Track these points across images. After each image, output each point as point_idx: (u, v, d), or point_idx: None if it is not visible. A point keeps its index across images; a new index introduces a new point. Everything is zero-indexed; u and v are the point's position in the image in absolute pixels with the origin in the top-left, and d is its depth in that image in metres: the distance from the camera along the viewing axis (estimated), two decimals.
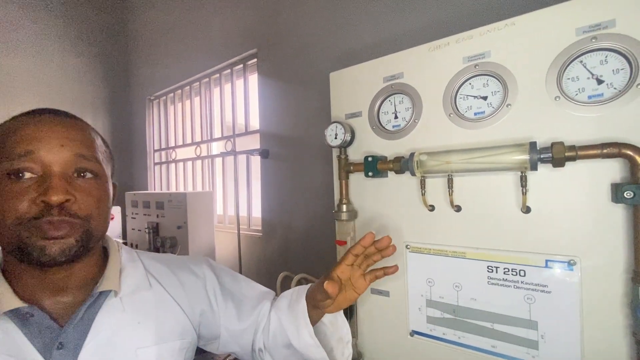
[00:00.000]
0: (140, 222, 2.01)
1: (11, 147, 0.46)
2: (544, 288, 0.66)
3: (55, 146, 0.48)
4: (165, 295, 0.61)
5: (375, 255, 0.66)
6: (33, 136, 0.47)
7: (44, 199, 0.45)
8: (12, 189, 0.46)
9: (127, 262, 0.60)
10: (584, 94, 0.61)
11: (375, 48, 1.34)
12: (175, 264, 0.67)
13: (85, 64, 2.74)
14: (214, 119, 2.30)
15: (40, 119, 0.50)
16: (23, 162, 0.46)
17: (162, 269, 0.64)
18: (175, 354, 0.58)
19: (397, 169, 0.78)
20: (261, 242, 1.87)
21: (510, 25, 0.68)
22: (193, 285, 0.65)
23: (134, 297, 0.57)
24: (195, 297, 0.64)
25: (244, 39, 1.93)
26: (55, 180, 0.46)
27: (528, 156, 0.61)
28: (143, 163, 2.85)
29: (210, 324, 0.66)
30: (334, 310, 0.68)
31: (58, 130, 0.49)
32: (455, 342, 0.76)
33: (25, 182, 0.46)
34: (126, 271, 0.59)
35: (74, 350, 0.49)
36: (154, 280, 0.61)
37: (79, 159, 0.50)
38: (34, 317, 0.49)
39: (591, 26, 0.59)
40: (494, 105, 0.70)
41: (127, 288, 0.57)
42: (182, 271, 0.66)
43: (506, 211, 0.69)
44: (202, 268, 0.69)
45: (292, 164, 1.69)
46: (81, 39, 2.72)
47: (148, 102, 2.82)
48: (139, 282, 0.59)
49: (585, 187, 0.61)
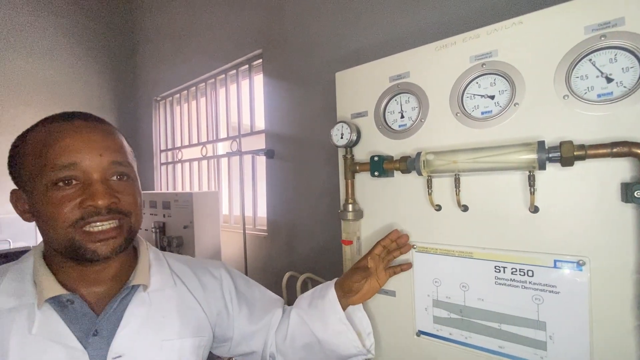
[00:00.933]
0: (147, 221, 2.03)
1: (54, 157, 0.50)
2: (553, 288, 0.65)
3: (95, 156, 0.52)
4: (187, 293, 0.65)
5: (395, 251, 0.77)
6: (74, 147, 0.51)
7: (92, 203, 0.51)
8: (60, 196, 0.50)
9: (154, 261, 0.65)
10: (593, 92, 0.60)
11: (381, 47, 1.34)
12: (196, 265, 0.72)
13: (93, 66, 2.78)
14: (220, 119, 2.32)
15: (76, 127, 0.53)
16: (68, 171, 0.50)
17: (184, 269, 0.68)
18: (195, 350, 0.62)
19: (404, 169, 0.78)
20: (266, 242, 1.88)
21: (517, 24, 0.67)
22: (211, 286, 0.69)
23: (160, 293, 0.61)
24: (213, 298, 0.68)
25: (249, 40, 1.94)
26: (98, 185, 0.52)
27: (536, 155, 0.61)
28: (150, 163, 2.88)
29: (224, 324, 0.70)
30: (358, 300, 0.74)
31: (96, 139, 0.53)
32: (462, 343, 0.76)
33: (71, 188, 0.51)
34: (154, 268, 0.63)
35: (107, 337, 0.54)
36: (177, 279, 0.66)
37: (116, 166, 0.55)
38: (74, 304, 0.53)
39: (600, 24, 0.59)
40: (502, 105, 0.69)
41: (154, 284, 0.61)
42: (202, 273, 0.70)
43: (514, 211, 0.68)
44: (220, 271, 0.73)
45: (297, 164, 1.70)
46: (90, 41, 2.76)
47: (155, 103, 2.85)
48: (165, 279, 0.63)
49: (595, 187, 0.60)
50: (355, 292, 0.73)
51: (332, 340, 0.71)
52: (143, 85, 2.97)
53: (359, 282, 0.72)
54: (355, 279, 0.72)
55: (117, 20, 2.95)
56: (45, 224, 0.51)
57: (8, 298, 0.52)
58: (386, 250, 0.77)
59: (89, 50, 2.76)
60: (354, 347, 0.72)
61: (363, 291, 0.75)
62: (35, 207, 0.52)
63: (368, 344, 0.76)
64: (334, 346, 0.71)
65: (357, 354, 0.73)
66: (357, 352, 0.72)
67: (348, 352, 0.72)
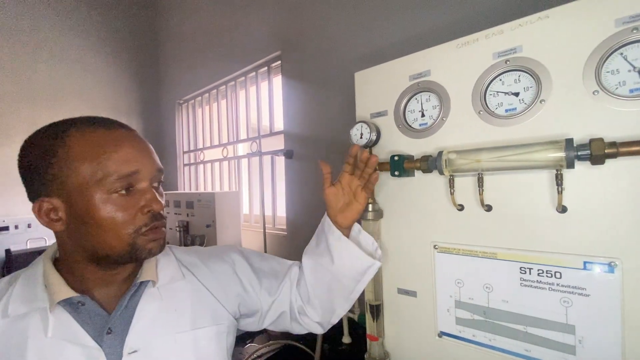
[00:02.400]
0: (172, 220, 2.10)
1: (117, 165, 0.52)
2: (582, 291, 0.63)
3: (149, 164, 0.56)
4: (198, 284, 0.66)
5: (366, 169, 0.76)
6: (134, 155, 0.54)
7: (151, 209, 0.55)
8: (123, 203, 0.53)
9: (162, 256, 0.66)
10: (625, 87, 0.58)
11: (400, 46, 1.33)
12: (205, 254, 0.73)
13: (119, 72, 2.90)
14: (240, 120, 2.36)
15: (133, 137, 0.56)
16: (131, 179, 0.53)
17: (193, 260, 0.70)
18: (213, 338, 0.63)
19: (425, 168, 0.78)
20: (286, 241, 1.90)
21: (543, 19, 0.65)
22: (224, 271, 0.71)
23: (170, 287, 0.63)
24: (227, 282, 0.70)
25: (268, 42, 1.97)
26: (152, 192, 0.55)
27: (564, 153, 0.59)
28: (173, 164, 2.97)
29: (247, 302, 0.72)
30: (345, 220, 0.76)
31: (147, 149, 0.57)
32: (486, 345, 0.74)
33: (132, 195, 0.54)
34: (161, 263, 0.65)
35: (121, 334, 0.55)
36: (186, 271, 0.67)
37: (159, 173, 0.59)
38: (85, 305, 0.55)
39: (632, 17, 0.56)
40: (527, 102, 0.68)
41: (163, 278, 0.62)
42: (212, 260, 0.72)
43: (540, 211, 0.66)
44: (230, 254, 0.75)
45: (316, 164, 1.71)
46: (115, 48, 2.88)
47: (177, 106, 2.94)
48: (173, 273, 0.65)
49: (627, 185, 0.58)
50: (334, 209, 0.77)
51: (340, 263, 0.73)
52: (167, 89, 3.07)
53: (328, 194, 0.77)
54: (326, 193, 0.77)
55: (141, 27, 3.07)
56: (101, 231, 0.52)
57: (21, 304, 0.53)
58: (357, 170, 0.78)
59: (115, 57, 2.88)
60: (359, 259, 0.74)
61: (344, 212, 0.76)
62: (87, 214, 0.51)
63: (377, 255, 0.78)
64: (344, 268, 0.74)
65: (366, 265, 0.75)
66: (366, 263, 0.74)
67: (357, 268, 0.74)
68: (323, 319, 0.78)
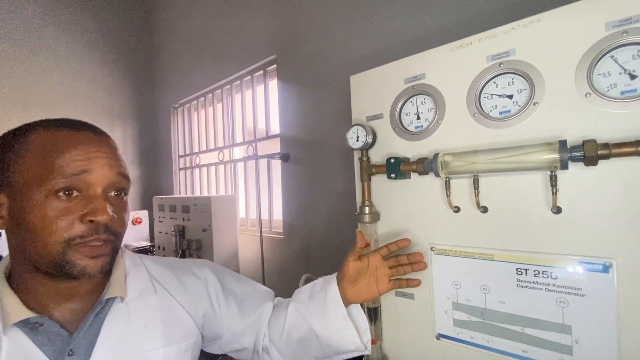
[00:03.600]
0: (167, 225, 2.09)
1: (62, 164, 0.47)
2: (578, 291, 0.63)
3: (105, 166, 0.50)
4: (170, 298, 0.63)
5: (406, 266, 0.74)
6: (87, 157, 0.48)
7: (92, 218, 0.48)
8: (61, 207, 0.47)
9: (131, 267, 0.62)
10: (616, 89, 0.59)
11: (395, 50, 1.34)
12: (178, 267, 0.69)
13: (114, 76, 2.89)
14: (236, 124, 2.36)
15: (89, 138, 0.51)
16: (75, 181, 0.47)
17: (165, 273, 0.66)
18: (182, 355, 0.60)
19: (421, 170, 0.78)
20: (283, 244, 1.90)
21: (535, 22, 0.66)
22: (195, 287, 0.67)
23: (140, 302, 0.58)
24: (197, 299, 0.66)
25: (263, 46, 1.98)
26: (100, 201, 0.49)
27: (558, 155, 0.59)
28: (169, 168, 2.96)
29: (212, 324, 0.68)
30: (352, 298, 0.72)
31: (106, 152, 0.51)
32: (483, 346, 0.75)
33: (72, 200, 0.48)
34: (131, 276, 0.60)
35: (85, 356, 0.51)
36: (157, 284, 0.63)
37: (120, 179, 0.53)
38: (44, 325, 0.49)
39: (621, 20, 0.58)
40: (520, 104, 0.68)
41: (132, 293, 0.58)
42: (185, 274, 0.68)
43: (535, 212, 0.67)
44: (204, 270, 0.71)
45: (312, 167, 1.71)
46: (109, 52, 2.88)
47: (173, 110, 2.93)
48: (144, 286, 0.61)
49: (620, 186, 0.59)
50: (348, 281, 0.72)
51: (331, 336, 0.70)
52: (162, 93, 3.07)
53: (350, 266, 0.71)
54: (349, 264, 0.71)
55: (136, 31, 3.07)
56: (31, 235, 0.47)
57: None
58: (394, 258, 0.75)
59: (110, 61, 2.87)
60: (353, 344, 0.71)
61: (359, 288, 0.72)
62: (22, 215, 0.46)
63: (365, 339, 0.74)
64: (333, 341, 0.70)
65: (354, 349, 0.72)
66: (355, 348, 0.71)
67: (346, 348, 0.71)
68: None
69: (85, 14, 2.74)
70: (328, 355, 0.72)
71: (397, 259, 0.75)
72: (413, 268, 0.74)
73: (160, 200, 2.19)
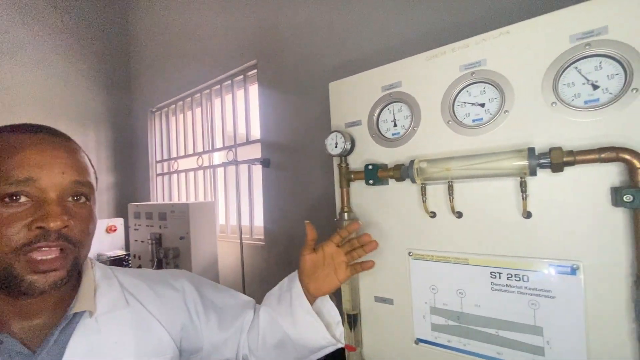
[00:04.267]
0: (143, 233, 2.02)
1: (9, 169, 0.44)
2: (548, 293, 0.65)
3: (57, 173, 0.47)
4: (144, 312, 0.59)
5: (359, 249, 0.73)
6: (35, 161, 0.46)
7: (42, 224, 0.45)
8: (7, 214, 0.44)
9: (102, 280, 0.59)
10: (580, 99, 0.61)
11: (373, 58, 1.36)
12: (153, 279, 0.66)
13: (87, 78, 2.79)
14: (215, 129, 2.33)
15: (39, 140, 0.48)
16: (21, 186, 0.44)
17: (139, 285, 0.63)
18: None
19: (398, 177, 0.79)
20: (263, 251, 1.87)
21: (505, 34, 0.69)
22: (172, 299, 0.64)
23: (110, 316, 0.55)
24: (175, 312, 0.63)
25: (243, 51, 1.96)
26: (53, 206, 0.46)
27: (527, 162, 0.62)
28: (145, 174, 2.87)
29: (191, 337, 0.65)
30: (316, 291, 0.72)
31: (60, 156, 0.49)
32: (460, 350, 0.76)
33: (20, 206, 0.45)
34: (101, 289, 0.57)
35: None
36: (131, 297, 0.60)
37: (76, 185, 0.50)
38: (3, 344, 0.46)
39: (584, 33, 0.61)
40: (492, 112, 0.70)
41: (102, 307, 0.55)
42: (161, 286, 0.65)
43: (507, 216, 0.69)
44: (181, 281, 0.68)
45: (293, 173, 1.70)
46: (83, 52, 2.77)
47: (150, 114, 2.86)
48: (115, 300, 0.58)
49: (585, 192, 0.61)
50: (307, 275, 0.72)
51: (301, 334, 0.69)
52: (139, 96, 2.98)
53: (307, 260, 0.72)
54: (304, 258, 0.72)
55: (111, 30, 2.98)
56: None
57: None
58: (348, 244, 0.74)
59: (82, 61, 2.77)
60: (323, 339, 0.70)
61: (319, 281, 0.72)
62: None
63: (337, 333, 0.73)
64: (304, 340, 0.69)
65: (326, 345, 0.71)
66: (327, 343, 0.70)
67: (318, 344, 0.70)
68: None
69: (57, 10, 2.63)
70: (304, 355, 0.71)
71: (350, 244, 0.75)
72: (365, 249, 0.73)
73: (136, 207, 2.12)
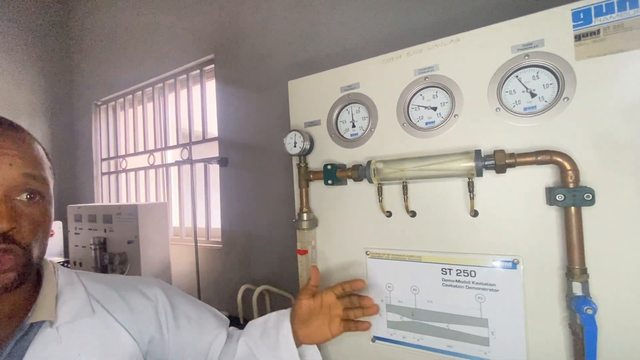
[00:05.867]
0: (85, 237, 1.84)
1: None
2: (492, 287, 0.70)
3: (4, 165, 0.43)
4: (111, 320, 0.55)
5: (357, 310, 0.69)
6: None
7: None
8: None
9: (65, 286, 0.54)
10: (520, 105, 0.66)
11: (334, 58, 1.37)
12: (124, 286, 0.62)
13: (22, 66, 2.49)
14: (169, 125, 2.20)
15: None
16: None
17: (107, 292, 0.58)
18: None
19: (356, 177, 0.80)
20: (221, 254, 1.80)
21: (455, 41, 0.72)
22: (143, 309, 0.60)
23: (74, 326, 0.51)
24: (145, 322, 0.59)
25: (200, 44, 1.88)
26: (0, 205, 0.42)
27: (474, 163, 0.65)
28: (89, 173, 2.63)
29: (158, 351, 0.61)
30: (306, 338, 0.68)
31: (7, 146, 0.44)
32: (414, 345, 0.78)
33: None
34: (64, 297, 0.53)
35: None
36: (97, 305, 0.55)
37: (28, 180, 0.45)
38: None
39: (524, 44, 0.65)
40: (443, 116, 0.74)
41: (64, 316, 0.51)
42: (132, 294, 0.61)
43: (457, 215, 0.73)
44: (154, 290, 0.64)
45: (252, 173, 1.66)
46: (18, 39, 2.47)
47: (95, 108, 2.63)
48: (80, 308, 0.53)
49: (525, 191, 0.66)
50: (301, 321, 0.67)
51: None
52: (81, 88, 2.72)
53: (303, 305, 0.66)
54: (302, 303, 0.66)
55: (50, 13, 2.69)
56: None
57: None
58: (347, 299, 0.71)
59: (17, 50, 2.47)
60: None
61: (311, 329, 0.68)
62: None
63: None
64: None
65: None
66: None
67: None
68: None
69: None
70: None
71: (349, 300, 0.71)
72: (364, 313, 0.69)
73: (77, 210, 1.93)
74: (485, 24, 0.70)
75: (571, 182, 0.59)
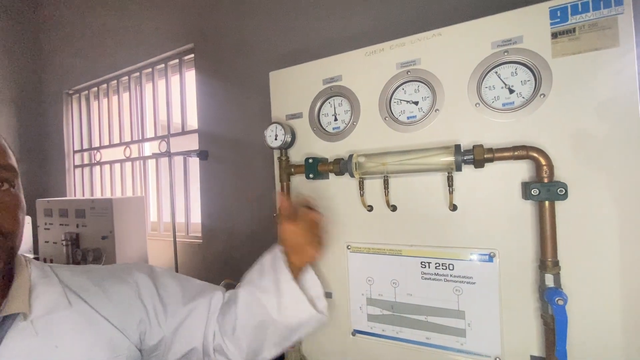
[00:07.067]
0: (56, 233, 1.76)
1: None
2: (470, 279, 0.71)
3: None
4: (90, 311, 0.55)
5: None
6: None
7: None
8: None
9: (39, 279, 0.54)
10: (499, 101, 0.67)
11: (317, 49, 1.34)
12: (101, 275, 0.61)
13: None
14: (146, 117, 2.12)
15: None
16: None
17: (84, 282, 0.58)
18: None
19: (337, 171, 0.79)
20: (201, 250, 1.76)
21: (437, 35, 0.72)
22: (124, 295, 0.60)
23: (49, 319, 0.51)
24: (127, 308, 0.59)
25: (179, 33, 1.81)
26: None
27: (453, 158, 0.66)
28: (60, 166, 2.51)
29: (154, 330, 0.61)
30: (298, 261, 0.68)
31: None
32: (393, 338, 0.79)
33: None
34: (38, 290, 0.52)
35: None
36: (74, 296, 0.55)
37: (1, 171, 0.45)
38: None
39: (503, 41, 0.66)
40: (424, 110, 0.74)
41: (39, 309, 0.50)
42: (110, 282, 0.60)
43: (436, 209, 0.73)
44: (133, 274, 0.64)
45: (233, 166, 1.62)
46: None
47: (66, 97, 2.50)
48: (55, 301, 0.53)
49: (502, 186, 0.67)
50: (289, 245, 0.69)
51: (285, 312, 0.65)
52: (51, 75, 2.58)
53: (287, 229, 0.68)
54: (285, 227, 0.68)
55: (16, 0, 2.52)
56: None
57: None
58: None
59: None
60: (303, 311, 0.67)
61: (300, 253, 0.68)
62: None
63: (320, 306, 0.70)
64: (288, 319, 0.66)
65: (308, 318, 0.68)
66: (309, 316, 0.67)
67: (300, 319, 0.67)
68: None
69: None
70: (285, 335, 0.67)
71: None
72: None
73: (46, 204, 1.84)
74: (468, 19, 0.70)
75: (546, 177, 0.60)
